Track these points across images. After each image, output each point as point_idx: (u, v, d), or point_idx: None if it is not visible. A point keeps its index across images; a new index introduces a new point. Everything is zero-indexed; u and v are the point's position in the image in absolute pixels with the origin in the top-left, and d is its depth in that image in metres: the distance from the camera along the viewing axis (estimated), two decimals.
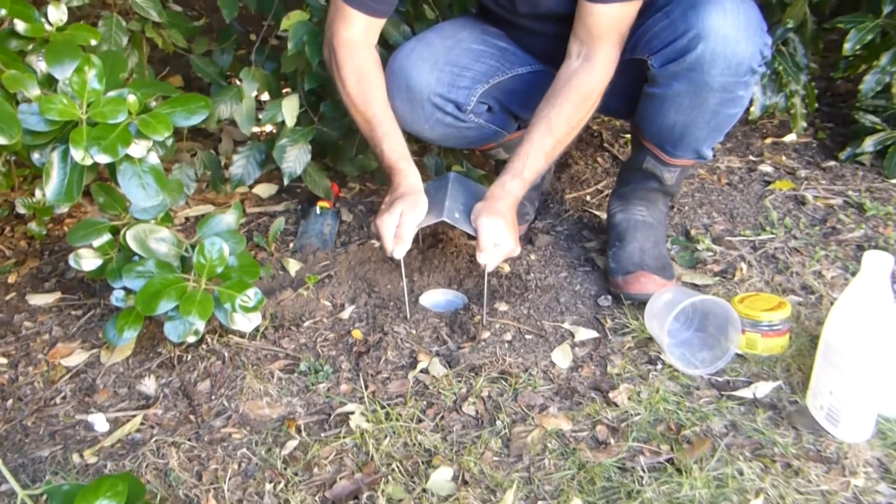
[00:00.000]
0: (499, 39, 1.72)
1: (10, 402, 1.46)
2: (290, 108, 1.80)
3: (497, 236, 1.46)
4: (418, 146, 1.91)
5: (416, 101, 1.61)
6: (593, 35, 1.47)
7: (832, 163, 2.14)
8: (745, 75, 1.42)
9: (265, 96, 2.07)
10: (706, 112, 1.47)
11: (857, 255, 1.71)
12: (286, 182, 1.88)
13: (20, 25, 1.32)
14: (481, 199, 1.53)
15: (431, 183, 1.74)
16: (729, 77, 1.40)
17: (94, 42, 1.37)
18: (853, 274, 1.65)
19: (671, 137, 1.56)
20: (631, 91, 1.59)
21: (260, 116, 1.85)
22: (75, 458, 1.32)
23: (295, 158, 1.86)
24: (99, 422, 1.40)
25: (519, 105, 1.74)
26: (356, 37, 1.57)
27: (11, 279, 1.85)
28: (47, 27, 1.35)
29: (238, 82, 1.91)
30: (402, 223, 1.47)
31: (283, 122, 1.83)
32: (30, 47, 1.34)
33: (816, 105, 2.17)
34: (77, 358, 1.56)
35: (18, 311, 1.73)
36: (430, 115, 1.64)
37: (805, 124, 2.15)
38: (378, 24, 1.60)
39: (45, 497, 1.09)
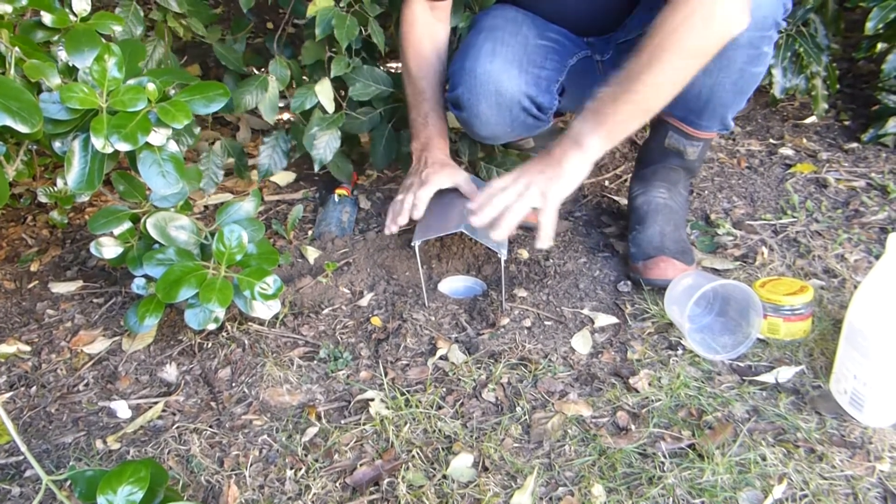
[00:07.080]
0: (549, 30, 1.68)
1: (33, 389, 1.48)
2: (325, 93, 1.79)
3: (502, 182, 1.38)
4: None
5: (504, 106, 1.57)
6: None
7: (854, 145, 2.11)
8: (770, 29, 1.41)
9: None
10: (733, 72, 1.46)
11: (881, 238, 1.69)
12: (316, 168, 1.87)
13: (46, 17, 1.32)
14: None
15: None
16: (755, 31, 1.39)
17: (118, 28, 1.37)
18: (877, 257, 1.63)
19: (696, 105, 1.55)
20: None
21: (281, 105, 1.84)
22: (98, 444, 1.34)
23: (325, 145, 1.85)
24: (121, 408, 1.41)
25: (569, 99, 1.72)
26: (417, 16, 1.64)
27: (34, 267, 1.87)
28: (72, 17, 1.35)
29: (255, 72, 1.90)
30: (420, 195, 1.56)
31: (307, 110, 1.82)
32: (55, 38, 1.34)
33: (838, 86, 2.14)
34: (99, 345, 1.58)
35: (41, 299, 1.74)
36: (517, 118, 1.60)
37: (826, 106, 2.12)
38: (441, 5, 1.66)
39: (69, 482, 1.10)
